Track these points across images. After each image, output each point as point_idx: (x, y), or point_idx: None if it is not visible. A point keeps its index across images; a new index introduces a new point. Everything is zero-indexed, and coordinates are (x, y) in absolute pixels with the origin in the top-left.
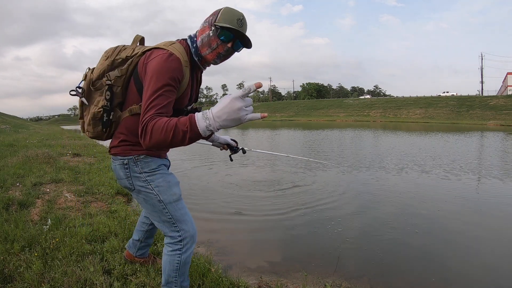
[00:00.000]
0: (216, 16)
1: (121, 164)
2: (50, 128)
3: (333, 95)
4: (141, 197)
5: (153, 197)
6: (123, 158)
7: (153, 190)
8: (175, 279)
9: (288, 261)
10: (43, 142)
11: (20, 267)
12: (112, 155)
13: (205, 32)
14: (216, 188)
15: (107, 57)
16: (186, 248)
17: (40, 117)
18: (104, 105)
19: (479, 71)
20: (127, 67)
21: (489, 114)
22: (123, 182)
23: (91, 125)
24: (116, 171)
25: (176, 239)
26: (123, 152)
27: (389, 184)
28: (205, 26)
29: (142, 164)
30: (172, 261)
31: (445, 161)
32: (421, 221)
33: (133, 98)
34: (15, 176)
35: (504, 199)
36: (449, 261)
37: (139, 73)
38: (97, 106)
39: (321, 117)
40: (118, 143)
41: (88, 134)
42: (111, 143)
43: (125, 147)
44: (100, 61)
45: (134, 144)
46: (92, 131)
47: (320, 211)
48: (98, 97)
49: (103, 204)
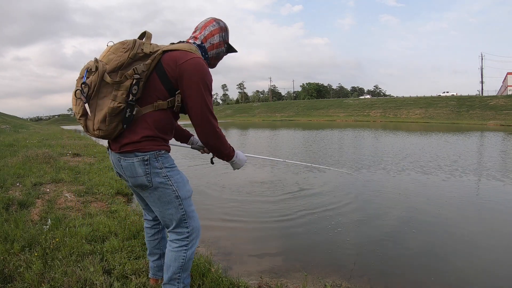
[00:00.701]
0: (227, 34)
1: (141, 161)
2: (50, 128)
3: (333, 95)
4: (156, 195)
5: (171, 193)
6: (143, 154)
7: (173, 186)
8: (179, 276)
9: (288, 261)
10: (43, 142)
11: (20, 267)
12: (127, 152)
13: (220, 47)
14: (216, 188)
15: (127, 50)
16: (192, 244)
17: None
18: (129, 100)
19: (479, 71)
20: (151, 62)
21: (489, 114)
22: (140, 180)
23: (105, 122)
24: (130, 169)
25: (183, 235)
26: (145, 147)
27: (389, 184)
28: (221, 42)
29: (163, 160)
30: (178, 257)
31: (445, 161)
32: (421, 221)
33: (158, 94)
34: (15, 176)
35: (504, 199)
36: (449, 261)
37: (167, 71)
38: (115, 101)
39: (321, 117)
40: (140, 138)
41: (99, 133)
42: (126, 140)
43: (149, 142)
44: (117, 53)
45: (158, 139)
46: (105, 128)
47: (320, 211)
48: (114, 91)
49: (103, 204)
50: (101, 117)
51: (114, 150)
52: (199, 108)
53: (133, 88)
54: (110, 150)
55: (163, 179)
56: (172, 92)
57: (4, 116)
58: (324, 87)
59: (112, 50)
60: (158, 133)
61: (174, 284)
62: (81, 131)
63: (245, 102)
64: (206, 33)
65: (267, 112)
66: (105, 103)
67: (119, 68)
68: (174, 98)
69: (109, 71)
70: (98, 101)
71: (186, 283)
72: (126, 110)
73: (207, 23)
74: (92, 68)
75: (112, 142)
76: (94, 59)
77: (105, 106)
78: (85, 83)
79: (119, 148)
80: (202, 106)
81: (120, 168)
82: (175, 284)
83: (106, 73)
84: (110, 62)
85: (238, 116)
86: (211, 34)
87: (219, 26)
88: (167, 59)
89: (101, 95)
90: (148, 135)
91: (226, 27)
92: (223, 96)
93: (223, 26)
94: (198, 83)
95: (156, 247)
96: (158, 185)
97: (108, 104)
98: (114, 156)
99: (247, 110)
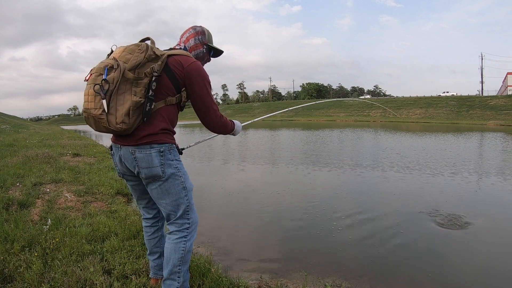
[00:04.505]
0: (204, 36)
1: (157, 152)
2: (50, 128)
3: (333, 95)
4: (166, 186)
5: (180, 184)
6: (160, 146)
7: (182, 177)
8: (179, 269)
9: (288, 261)
10: (43, 142)
11: (20, 267)
12: (143, 144)
13: (198, 48)
14: (216, 188)
15: (143, 51)
16: (190, 236)
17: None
18: (149, 95)
19: (479, 71)
20: (161, 63)
21: (489, 114)
22: (154, 171)
23: (128, 115)
24: (146, 160)
25: (184, 226)
26: (162, 139)
27: (389, 184)
28: (197, 43)
29: (174, 152)
30: (178, 249)
31: (446, 161)
32: (422, 221)
33: (167, 90)
34: (15, 176)
35: (504, 199)
36: (449, 261)
37: (175, 72)
38: (137, 96)
39: (321, 117)
40: (159, 130)
41: (122, 126)
42: (144, 132)
43: (165, 135)
44: (134, 54)
45: (171, 132)
46: (128, 121)
47: (320, 211)
48: (134, 87)
49: (103, 204)
50: (125, 110)
51: (129, 143)
52: (204, 99)
53: (153, 84)
54: (120, 146)
55: (174, 170)
56: (178, 89)
57: (4, 116)
58: (324, 87)
59: (127, 51)
60: (170, 126)
61: (174, 279)
62: (81, 131)
63: (245, 102)
64: (184, 39)
65: (267, 112)
66: (126, 98)
67: (136, 67)
68: (181, 94)
69: (128, 69)
70: (117, 96)
71: (186, 277)
72: (146, 104)
73: (185, 31)
74: (113, 65)
75: (125, 137)
76: (113, 58)
77: (126, 101)
78: (106, 79)
79: (136, 141)
80: (206, 97)
81: (132, 161)
82: (176, 278)
83: (127, 70)
84: (128, 61)
85: (238, 116)
86: (187, 40)
87: (195, 31)
88: (173, 62)
89: (120, 91)
90: (164, 127)
91: (203, 31)
92: (223, 96)
93: (199, 30)
94: (203, 80)
95: (156, 245)
96: (169, 175)
97: (131, 98)
98: (126, 150)
99: (247, 110)
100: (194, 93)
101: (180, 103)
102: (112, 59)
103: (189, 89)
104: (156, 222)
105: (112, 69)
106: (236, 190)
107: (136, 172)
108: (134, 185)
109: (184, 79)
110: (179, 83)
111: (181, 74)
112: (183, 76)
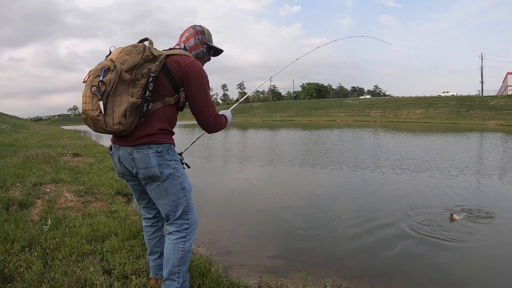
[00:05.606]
0: (204, 35)
1: (155, 152)
2: (50, 128)
3: (333, 95)
4: (164, 186)
5: (178, 184)
6: (157, 146)
7: (180, 177)
8: (178, 269)
9: (288, 261)
10: (43, 142)
11: (20, 267)
12: (141, 144)
13: (198, 48)
14: (216, 189)
15: (140, 52)
16: (190, 236)
17: (40, 117)
18: (146, 96)
19: (479, 71)
20: (159, 64)
21: (489, 114)
22: (153, 171)
23: (125, 116)
24: (144, 160)
25: (183, 226)
26: (160, 140)
27: (389, 184)
28: (197, 43)
29: (172, 153)
30: (177, 249)
31: (446, 161)
32: (422, 221)
33: (165, 91)
34: (15, 176)
35: (504, 199)
36: (448, 261)
37: (173, 72)
38: (133, 97)
39: (321, 117)
40: (156, 131)
41: (119, 127)
42: (142, 133)
43: (163, 135)
44: (131, 55)
45: (169, 133)
46: (125, 122)
47: (320, 211)
48: (131, 88)
49: (103, 204)
50: (122, 111)
51: (127, 144)
52: (202, 98)
53: (150, 85)
54: (118, 146)
55: (172, 171)
56: (176, 89)
57: (4, 116)
58: (324, 87)
59: (125, 52)
60: (169, 126)
61: (174, 279)
62: (81, 131)
63: (245, 102)
64: (183, 39)
65: (267, 112)
66: (123, 99)
67: (133, 68)
68: (179, 94)
69: (125, 70)
70: (115, 98)
71: (186, 278)
72: (143, 105)
73: (185, 31)
74: (110, 67)
75: (123, 138)
76: (110, 59)
77: (123, 102)
78: (103, 81)
79: (133, 141)
80: (204, 96)
81: (130, 162)
82: (175, 278)
83: (124, 72)
84: (125, 62)
85: (238, 116)
86: (187, 39)
87: (194, 31)
88: (171, 62)
89: (117, 92)
90: (162, 128)
91: (203, 30)
92: (223, 96)
93: (199, 30)
94: (201, 79)
95: (156, 245)
96: (168, 176)
97: (128, 100)
98: (124, 150)
99: (247, 110)
100: (191, 92)
101: (179, 104)
102: (109, 60)
103: (187, 88)
104: (156, 222)
105: (109, 70)
106: (236, 190)
107: (135, 172)
108: (133, 185)
109: (182, 78)
110: (178, 83)
111: (179, 74)
112: (181, 75)
